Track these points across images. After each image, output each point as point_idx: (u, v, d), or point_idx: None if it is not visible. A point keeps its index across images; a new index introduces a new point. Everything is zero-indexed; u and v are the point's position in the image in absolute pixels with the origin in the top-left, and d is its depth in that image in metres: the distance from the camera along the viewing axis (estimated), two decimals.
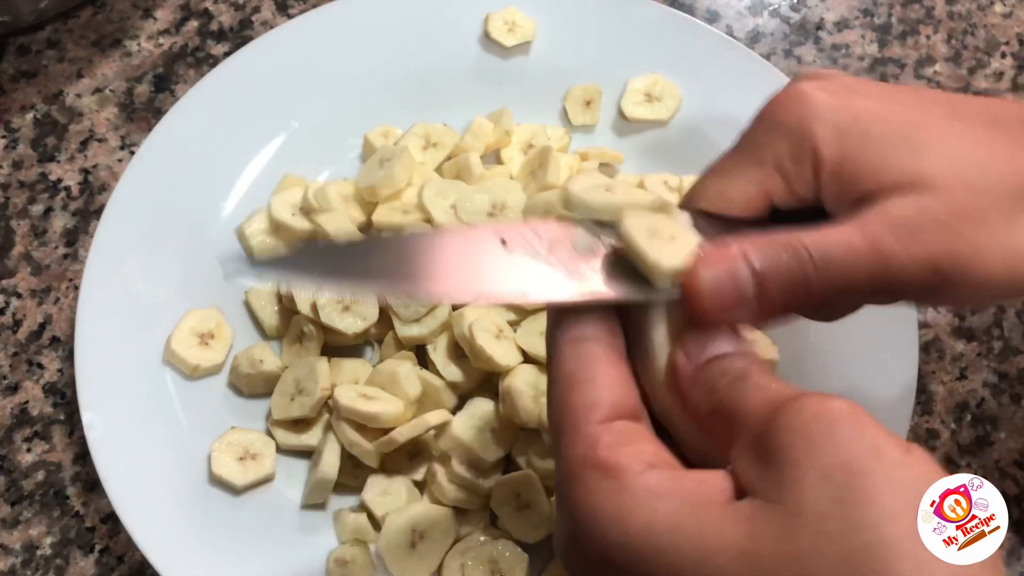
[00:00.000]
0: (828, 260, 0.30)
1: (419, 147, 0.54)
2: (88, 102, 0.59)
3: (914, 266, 0.30)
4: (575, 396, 0.28)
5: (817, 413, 0.25)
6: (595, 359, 0.29)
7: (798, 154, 0.32)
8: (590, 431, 0.27)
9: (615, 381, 0.28)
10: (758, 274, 0.29)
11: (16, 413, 0.52)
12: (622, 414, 0.28)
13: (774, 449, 0.25)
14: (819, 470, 0.24)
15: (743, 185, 0.33)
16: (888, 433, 0.24)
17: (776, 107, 0.33)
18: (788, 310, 0.30)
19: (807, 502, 0.23)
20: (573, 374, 0.28)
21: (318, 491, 0.47)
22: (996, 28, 0.64)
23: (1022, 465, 0.52)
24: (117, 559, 0.49)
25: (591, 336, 0.29)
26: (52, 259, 0.55)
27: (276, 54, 0.55)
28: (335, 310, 0.48)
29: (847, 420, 0.24)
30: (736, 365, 0.28)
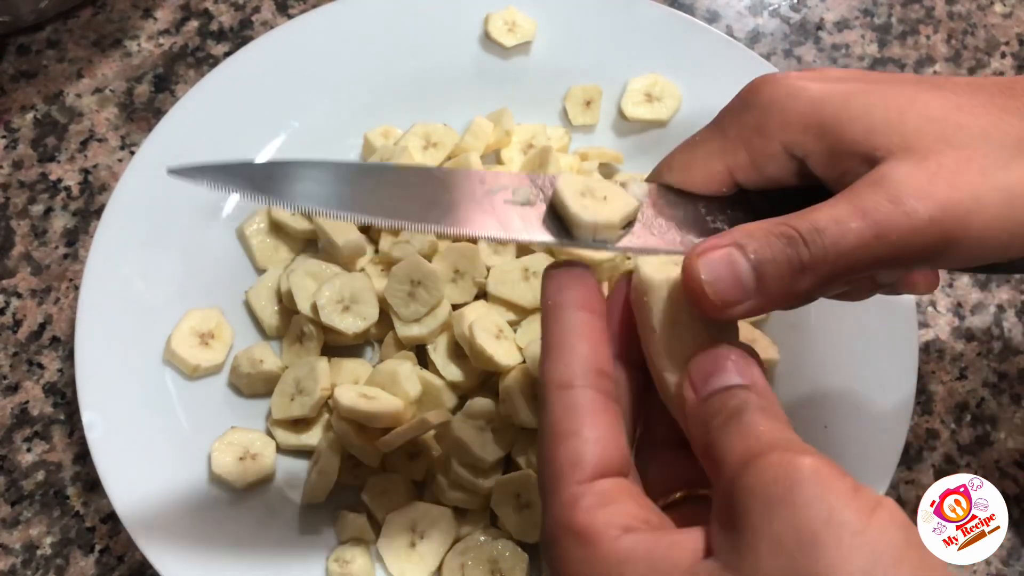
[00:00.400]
0: (822, 242, 0.29)
1: (419, 147, 0.54)
2: (88, 102, 0.60)
3: (911, 224, 0.29)
4: (559, 452, 0.28)
5: (777, 475, 0.24)
6: (581, 411, 0.28)
7: (764, 126, 0.32)
8: (571, 492, 0.27)
9: (600, 435, 0.28)
10: (755, 263, 0.29)
11: (16, 413, 0.52)
12: (606, 471, 0.28)
13: (736, 512, 0.25)
14: (773, 539, 0.23)
15: (705, 157, 0.34)
16: (853, 493, 0.24)
17: (751, 87, 0.34)
18: (790, 296, 0.30)
19: (760, 572, 0.23)
20: (558, 425, 0.28)
21: (318, 491, 0.47)
22: (996, 28, 0.64)
23: (1022, 465, 0.52)
24: (117, 559, 0.49)
25: (579, 382, 0.29)
26: (52, 259, 0.55)
27: (276, 54, 0.55)
28: (335, 310, 0.48)
29: (808, 482, 0.24)
30: (732, 402, 0.28)
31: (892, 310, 0.49)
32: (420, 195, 0.33)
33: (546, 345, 0.30)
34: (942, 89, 0.32)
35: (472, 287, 0.49)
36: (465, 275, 0.49)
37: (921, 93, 0.32)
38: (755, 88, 0.33)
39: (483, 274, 0.50)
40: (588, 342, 0.30)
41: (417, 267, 0.48)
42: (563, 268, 0.31)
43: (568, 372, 0.29)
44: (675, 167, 0.35)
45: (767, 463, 0.25)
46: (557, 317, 0.30)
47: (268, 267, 0.52)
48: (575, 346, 0.29)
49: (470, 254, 0.50)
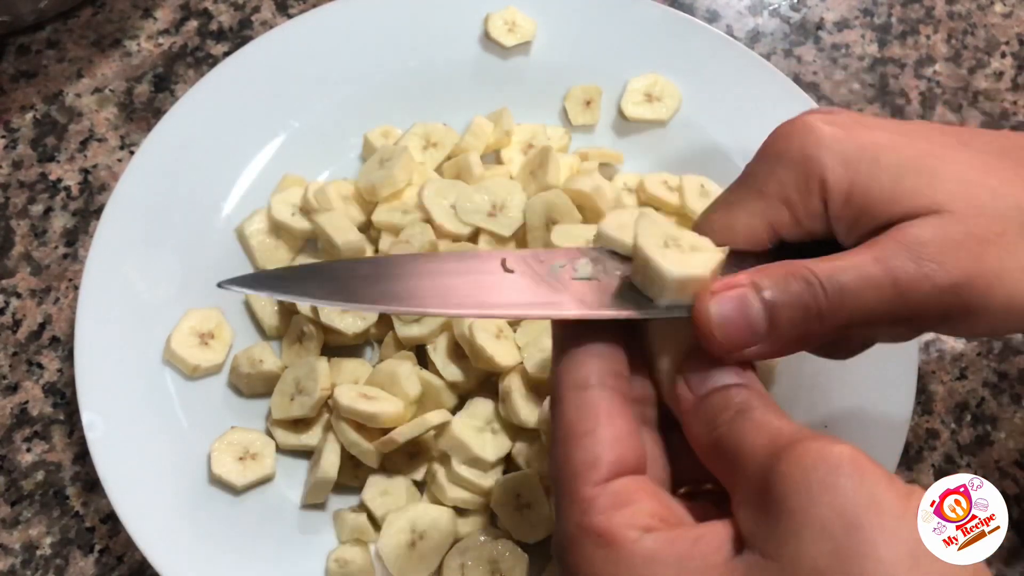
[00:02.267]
0: (841, 288, 0.29)
1: (419, 147, 0.54)
2: (88, 102, 0.60)
3: (933, 289, 0.29)
4: (575, 453, 0.27)
5: (816, 461, 0.24)
6: (596, 410, 0.28)
7: (804, 184, 0.31)
8: (587, 494, 0.27)
9: (616, 435, 0.28)
10: (769, 305, 0.29)
11: (16, 413, 0.52)
12: (622, 470, 0.27)
13: (773, 499, 0.24)
14: (817, 523, 0.23)
15: (747, 218, 0.32)
16: (889, 479, 0.24)
17: (780, 138, 0.32)
18: (801, 343, 0.30)
19: (804, 557, 0.23)
20: (574, 426, 0.28)
21: (318, 491, 0.47)
22: (996, 28, 0.64)
23: (1022, 465, 0.52)
24: (117, 559, 0.49)
25: (595, 382, 0.28)
26: (52, 259, 0.55)
27: (276, 54, 0.55)
28: (335, 310, 0.48)
29: (847, 468, 0.24)
30: (737, 399, 0.28)
31: None
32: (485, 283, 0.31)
33: (560, 347, 0.30)
34: (969, 147, 0.31)
35: None
36: None
37: (952, 151, 0.31)
38: (786, 138, 0.32)
39: None
40: (602, 345, 0.29)
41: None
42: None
43: (583, 372, 0.29)
44: (717, 229, 0.33)
45: (803, 450, 0.24)
46: (567, 329, 0.30)
47: (268, 267, 0.52)
48: (590, 347, 0.29)
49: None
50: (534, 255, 0.31)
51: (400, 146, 0.53)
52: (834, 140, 0.31)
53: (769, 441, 0.26)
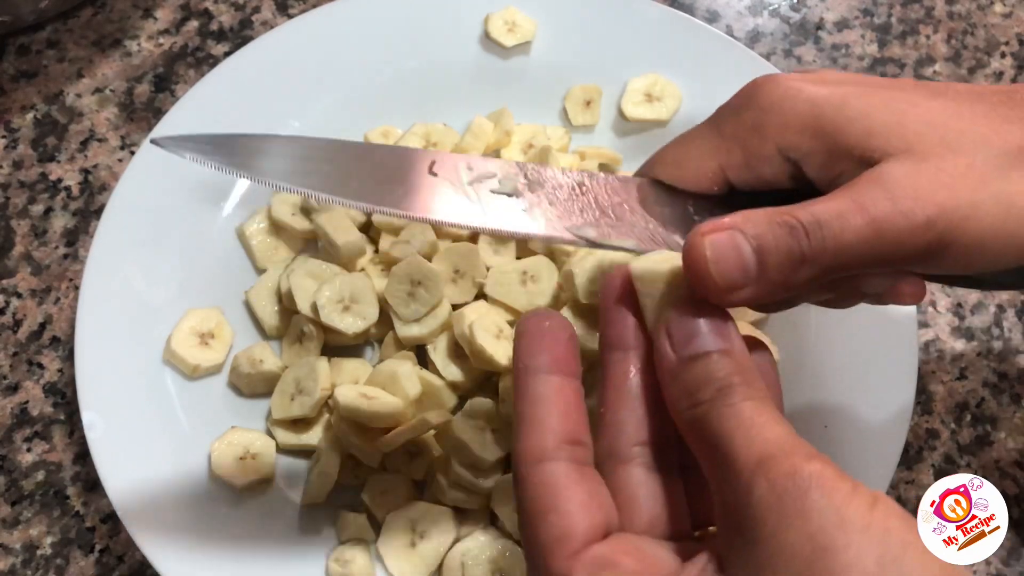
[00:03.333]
0: (822, 230, 0.29)
1: (419, 147, 0.54)
2: (88, 102, 0.60)
3: (909, 225, 0.29)
4: (541, 529, 0.27)
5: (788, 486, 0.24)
6: (557, 485, 0.28)
7: (760, 127, 0.32)
8: (561, 567, 0.26)
9: (581, 502, 0.27)
10: (757, 247, 0.29)
11: (16, 413, 0.52)
12: (594, 536, 0.27)
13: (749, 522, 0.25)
14: (788, 550, 0.24)
15: (699, 154, 0.33)
16: (854, 491, 0.24)
17: (751, 86, 0.33)
18: (786, 287, 0.30)
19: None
20: (536, 503, 0.28)
21: (318, 491, 0.47)
22: (996, 28, 0.64)
23: (1022, 465, 0.52)
24: (117, 559, 0.49)
25: (551, 455, 0.28)
26: (52, 259, 0.55)
27: (276, 54, 0.55)
28: (335, 310, 0.48)
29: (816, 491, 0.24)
30: (719, 373, 0.28)
31: (892, 310, 0.49)
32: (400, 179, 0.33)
33: (517, 418, 0.29)
34: (942, 95, 0.32)
35: (472, 287, 0.49)
36: (465, 275, 0.49)
37: (921, 98, 0.32)
38: (754, 88, 0.33)
39: (483, 274, 0.50)
40: (559, 412, 0.29)
41: (417, 267, 0.48)
42: (535, 321, 0.30)
43: (540, 447, 0.28)
44: (667, 162, 0.34)
45: (777, 473, 0.25)
46: (528, 385, 0.30)
47: (268, 267, 0.52)
48: (545, 419, 0.29)
49: (470, 254, 0.50)
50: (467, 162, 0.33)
51: (400, 146, 0.53)
52: (801, 90, 0.32)
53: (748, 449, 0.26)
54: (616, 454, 0.30)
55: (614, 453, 0.30)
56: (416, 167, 0.33)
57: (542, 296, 0.49)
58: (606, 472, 0.30)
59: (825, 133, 0.31)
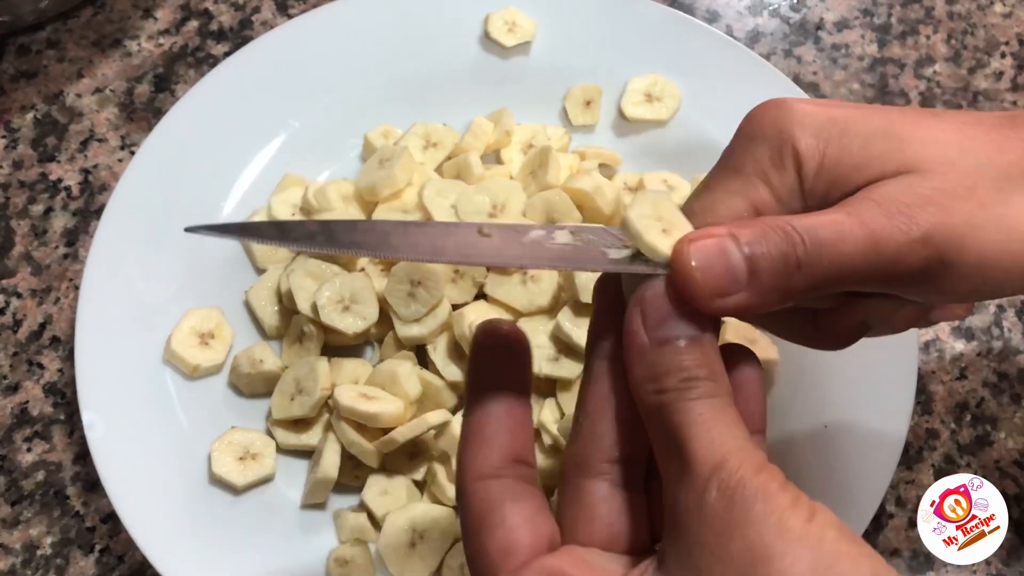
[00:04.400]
0: (819, 239, 0.29)
1: (419, 147, 0.54)
2: (88, 102, 0.60)
3: (906, 241, 0.29)
4: (488, 544, 0.27)
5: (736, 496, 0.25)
6: (501, 500, 0.28)
7: (779, 160, 0.31)
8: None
9: (526, 516, 0.28)
10: (748, 256, 0.29)
11: (16, 413, 0.52)
12: (540, 549, 0.27)
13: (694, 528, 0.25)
14: (727, 559, 0.24)
15: (727, 198, 0.32)
16: (794, 500, 0.25)
17: (754, 118, 0.33)
18: (782, 295, 0.30)
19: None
20: (481, 518, 0.28)
21: (318, 491, 0.47)
22: (996, 28, 0.64)
23: (1022, 465, 0.52)
24: (117, 559, 0.49)
25: (497, 472, 0.28)
26: (52, 259, 0.55)
27: (276, 54, 0.55)
28: (335, 310, 0.48)
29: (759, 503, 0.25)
30: (687, 364, 0.28)
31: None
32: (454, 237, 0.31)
33: (465, 430, 0.30)
34: (943, 118, 0.32)
35: (472, 287, 0.49)
36: (465, 275, 0.49)
37: (923, 120, 0.31)
38: (760, 118, 0.32)
39: (483, 274, 0.50)
40: (507, 430, 0.29)
41: (417, 267, 0.48)
42: (492, 333, 0.30)
43: (485, 463, 0.29)
44: (698, 212, 0.33)
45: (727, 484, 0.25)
46: (477, 401, 0.30)
47: (268, 267, 0.52)
48: (494, 436, 0.29)
49: None
50: (512, 226, 0.31)
51: (400, 146, 0.53)
52: (805, 114, 0.31)
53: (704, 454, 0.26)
54: (586, 467, 0.29)
55: (583, 465, 0.30)
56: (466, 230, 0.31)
57: (542, 296, 0.49)
58: (572, 481, 0.30)
59: (827, 164, 0.31)
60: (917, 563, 0.49)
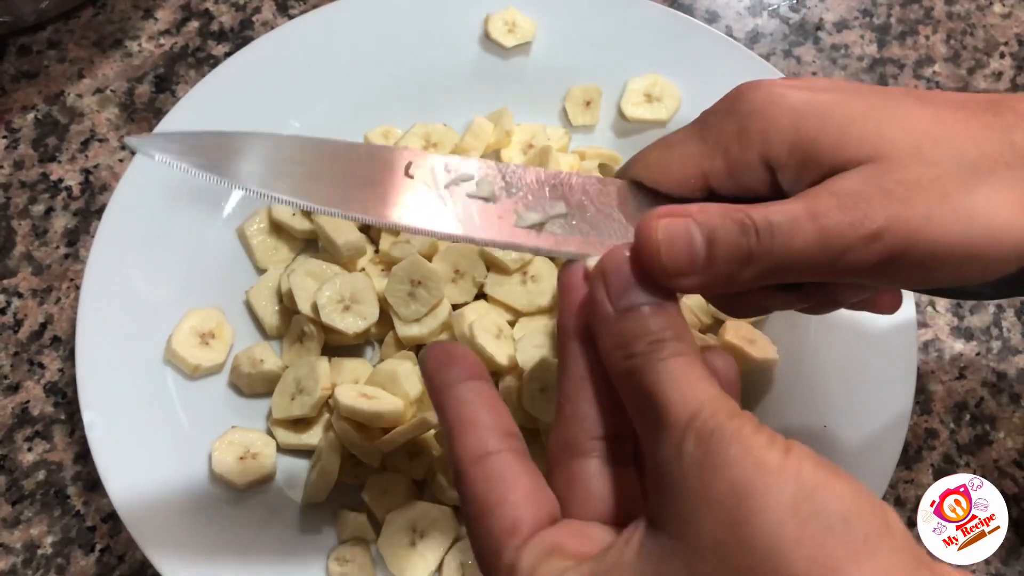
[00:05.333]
0: (771, 232, 0.30)
1: (419, 147, 0.54)
2: (89, 102, 0.60)
3: (857, 237, 0.29)
4: (493, 524, 0.28)
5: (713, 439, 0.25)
6: (502, 478, 0.28)
7: (744, 136, 0.32)
8: (509, 560, 0.27)
9: (527, 494, 0.28)
10: (708, 237, 0.30)
11: (17, 413, 0.52)
12: (541, 524, 0.28)
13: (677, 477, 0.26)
14: (713, 500, 0.25)
15: (682, 160, 0.33)
16: (771, 440, 0.25)
17: (736, 92, 0.33)
18: (730, 282, 0.30)
19: (705, 533, 0.25)
20: (484, 498, 0.28)
21: (318, 490, 0.47)
22: (995, 28, 0.64)
23: (1021, 465, 0.52)
24: (118, 558, 0.49)
25: (491, 449, 0.29)
26: (53, 259, 0.55)
27: (276, 54, 0.55)
28: (335, 310, 0.48)
29: (736, 444, 0.25)
30: (654, 327, 0.28)
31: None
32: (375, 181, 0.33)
33: (448, 426, 0.30)
34: (929, 102, 0.32)
35: (472, 287, 0.49)
36: (465, 275, 0.49)
37: (906, 105, 0.32)
38: (739, 94, 0.33)
39: (483, 274, 0.50)
40: (487, 408, 0.30)
41: (417, 267, 0.48)
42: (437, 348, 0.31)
43: (480, 444, 0.29)
44: (651, 165, 0.34)
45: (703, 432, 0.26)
46: (449, 395, 0.30)
47: (268, 267, 0.52)
48: (477, 418, 0.29)
49: (470, 254, 0.50)
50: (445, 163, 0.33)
51: (400, 146, 0.53)
52: (784, 96, 0.32)
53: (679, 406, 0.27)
54: (574, 447, 0.30)
55: (572, 446, 0.30)
56: (393, 168, 0.33)
57: (542, 296, 0.49)
58: (562, 463, 0.30)
59: (802, 142, 0.31)
60: None
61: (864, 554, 0.23)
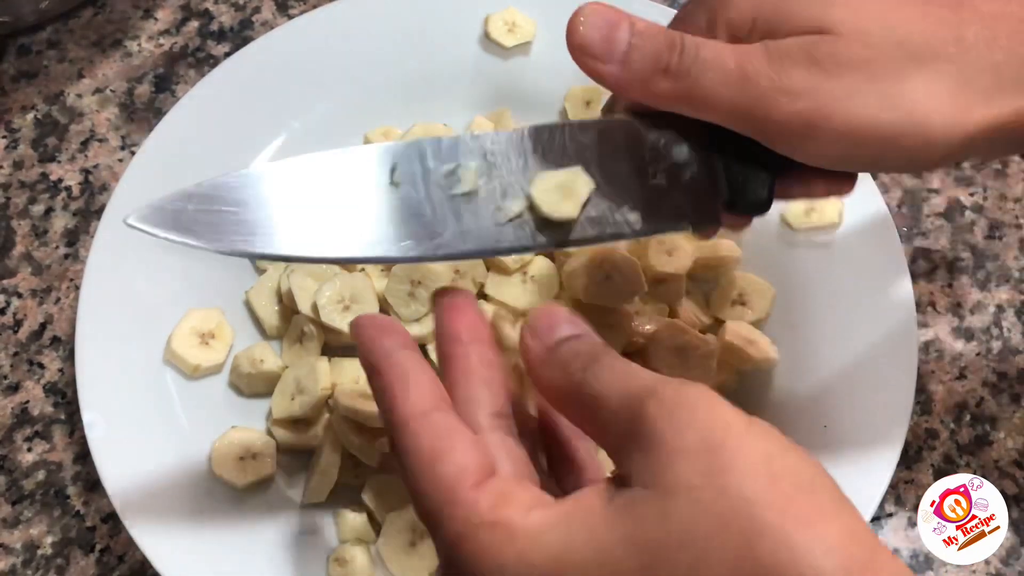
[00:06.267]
0: (696, 55, 0.31)
1: None
2: (89, 102, 0.60)
3: (771, 87, 0.30)
4: (444, 469, 0.28)
5: (677, 401, 0.26)
6: (448, 429, 0.29)
7: (713, 23, 0.33)
8: (468, 497, 0.27)
9: (472, 443, 0.29)
10: (631, 38, 0.32)
11: (17, 413, 0.52)
12: (488, 472, 0.28)
13: (644, 436, 0.26)
14: (685, 450, 0.25)
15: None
16: (734, 410, 0.26)
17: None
18: (643, 87, 0.32)
19: (680, 480, 0.25)
20: (433, 446, 0.28)
21: (318, 490, 0.47)
22: None
23: (1021, 465, 0.52)
24: (118, 559, 0.49)
25: (431, 406, 0.29)
26: (53, 259, 0.55)
27: (276, 54, 0.55)
28: (335, 310, 0.48)
29: (702, 404, 0.26)
30: (584, 348, 0.30)
31: (892, 309, 0.49)
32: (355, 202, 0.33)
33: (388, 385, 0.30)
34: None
35: (472, 287, 0.49)
36: (465, 275, 0.49)
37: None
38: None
39: (483, 274, 0.50)
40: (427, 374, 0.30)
41: (417, 267, 0.48)
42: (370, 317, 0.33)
43: (423, 401, 0.29)
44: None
45: (663, 394, 0.27)
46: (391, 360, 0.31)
47: (268, 267, 0.52)
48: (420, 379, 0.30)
49: None
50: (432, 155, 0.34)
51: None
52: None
53: (631, 388, 0.27)
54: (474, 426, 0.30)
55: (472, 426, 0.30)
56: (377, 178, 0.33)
57: (542, 296, 0.49)
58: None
59: (760, 16, 0.32)
60: (917, 563, 0.49)
61: (832, 513, 0.24)
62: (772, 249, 0.52)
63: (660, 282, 0.50)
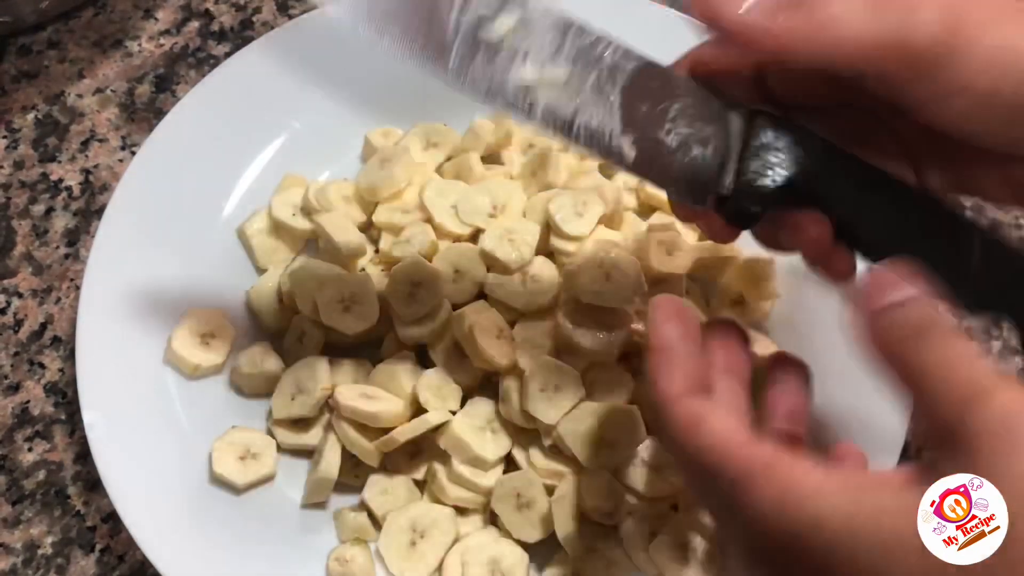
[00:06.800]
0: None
1: (420, 147, 0.54)
2: (89, 102, 0.60)
3: (915, 17, 0.29)
4: (708, 427, 0.30)
5: (1005, 424, 0.25)
6: (709, 408, 0.31)
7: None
8: (743, 449, 0.29)
9: (727, 412, 0.31)
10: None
11: (17, 413, 0.52)
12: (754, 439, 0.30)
13: (971, 452, 0.25)
14: (1013, 477, 0.25)
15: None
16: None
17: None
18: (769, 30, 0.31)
19: (1010, 508, 0.24)
20: (693, 419, 0.31)
21: (318, 490, 0.47)
22: None
23: None
24: (118, 558, 0.49)
25: (688, 391, 0.32)
26: (53, 259, 0.55)
27: (277, 54, 0.55)
28: (335, 310, 0.48)
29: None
30: (913, 315, 0.29)
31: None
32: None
33: (653, 365, 0.32)
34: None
35: (472, 287, 0.49)
36: (465, 275, 0.49)
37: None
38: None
39: (483, 274, 0.50)
40: (688, 358, 0.33)
41: (417, 268, 0.48)
42: (668, 300, 0.34)
43: (686, 384, 0.32)
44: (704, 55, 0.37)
45: (991, 409, 0.25)
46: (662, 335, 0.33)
47: (268, 267, 0.52)
48: (682, 364, 0.33)
49: (470, 254, 0.50)
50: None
51: (401, 146, 0.53)
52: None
53: (954, 381, 0.27)
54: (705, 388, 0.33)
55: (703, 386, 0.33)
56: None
57: (542, 296, 0.49)
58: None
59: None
60: None
61: None
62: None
63: (660, 282, 0.50)
